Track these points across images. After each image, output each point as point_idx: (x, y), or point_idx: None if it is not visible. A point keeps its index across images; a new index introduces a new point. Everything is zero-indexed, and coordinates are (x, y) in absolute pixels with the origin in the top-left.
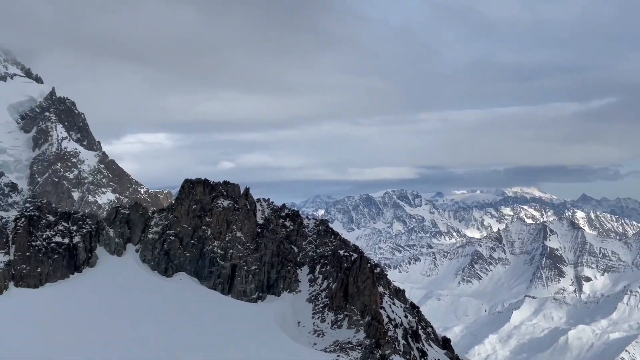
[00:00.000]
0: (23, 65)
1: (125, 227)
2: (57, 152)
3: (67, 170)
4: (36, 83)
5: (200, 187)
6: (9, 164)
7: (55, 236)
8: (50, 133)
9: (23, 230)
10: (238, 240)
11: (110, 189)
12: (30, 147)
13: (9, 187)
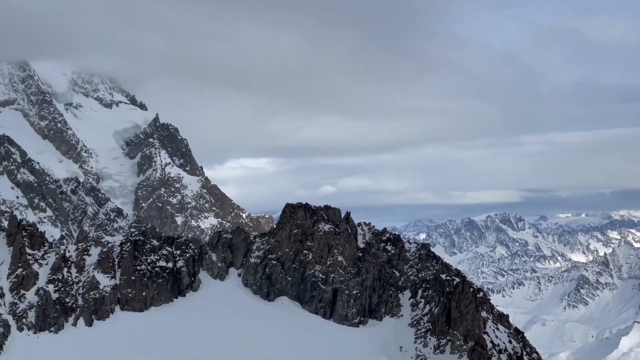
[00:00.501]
0: (128, 93)
1: (227, 251)
2: (160, 177)
3: (171, 196)
4: (140, 110)
5: (301, 211)
6: (114, 190)
7: (160, 260)
8: (154, 159)
9: (128, 255)
10: (339, 264)
11: (213, 214)
12: (135, 173)
13: (114, 212)
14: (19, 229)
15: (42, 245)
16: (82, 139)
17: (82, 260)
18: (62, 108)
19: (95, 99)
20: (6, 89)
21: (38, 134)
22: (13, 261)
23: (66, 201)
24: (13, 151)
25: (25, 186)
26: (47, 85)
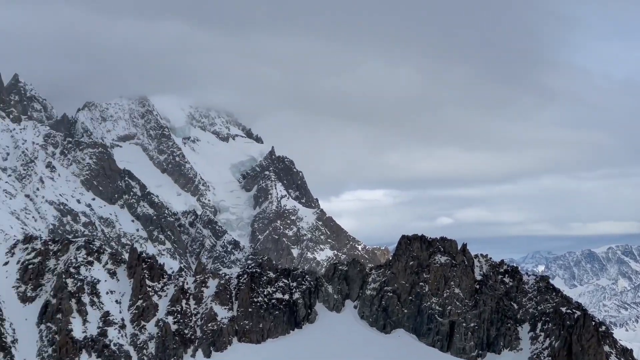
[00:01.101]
0: (244, 126)
1: (343, 283)
2: (277, 210)
3: (287, 228)
4: (257, 143)
5: (417, 243)
6: (231, 222)
7: (276, 292)
8: (270, 191)
9: (245, 287)
10: (456, 296)
11: (329, 246)
12: (251, 205)
13: (231, 245)
14: (139, 262)
15: (162, 277)
16: (200, 172)
17: (200, 292)
18: (180, 142)
19: (212, 132)
20: (126, 124)
21: (157, 168)
22: (134, 293)
23: (184, 234)
24: (133, 185)
25: (145, 219)
26: (165, 120)
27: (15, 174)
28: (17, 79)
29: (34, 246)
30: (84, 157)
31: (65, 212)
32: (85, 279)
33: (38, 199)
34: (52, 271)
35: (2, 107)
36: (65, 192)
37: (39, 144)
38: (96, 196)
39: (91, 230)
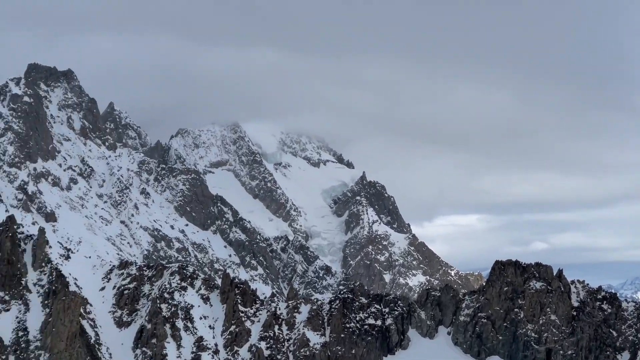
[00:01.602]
0: (335, 152)
1: (436, 309)
2: (368, 235)
3: (379, 253)
4: (347, 168)
5: (511, 268)
6: (323, 248)
7: (369, 318)
8: (361, 217)
9: (338, 313)
10: (552, 323)
11: (421, 271)
12: (342, 230)
13: (323, 270)
14: (232, 287)
15: (254, 303)
16: (291, 198)
17: (292, 318)
18: (272, 168)
19: (303, 158)
20: (219, 150)
21: (249, 194)
22: (227, 318)
23: (276, 259)
24: (225, 211)
25: (237, 245)
26: (257, 146)
27: (111, 200)
28: (112, 107)
29: (129, 272)
30: (177, 183)
31: (159, 238)
32: (179, 304)
33: (133, 225)
34: (147, 296)
35: (98, 134)
36: (159, 218)
37: (134, 170)
38: (189, 222)
39: (185, 256)
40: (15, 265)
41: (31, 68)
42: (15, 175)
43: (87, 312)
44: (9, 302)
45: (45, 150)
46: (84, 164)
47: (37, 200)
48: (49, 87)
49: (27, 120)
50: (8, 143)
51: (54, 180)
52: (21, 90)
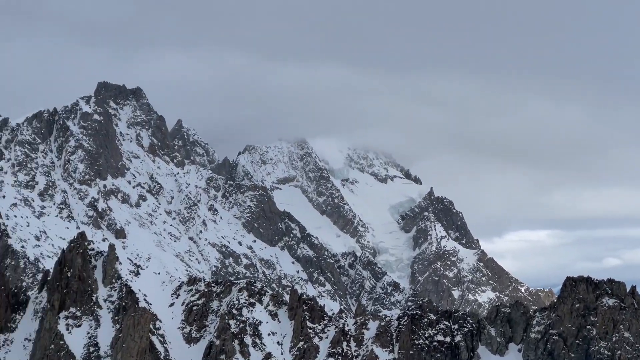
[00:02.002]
0: (402, 167)
1: (506, 326)
2: (436, 251)
3: (447, 269)
4: (415, 184)
5: (583, 284)
6: (391, 264)
7: (437, 335)
8: (429, 232)
9: (406, 329)
10: (626, 340)
11: (490, 287)
12: (410, 246)
13: (391, 286)
14: (300, 303)
15: (322, 319)
16: (359, 214)
17: (360, 334)
18: (339, 184)
19: (370, 174)
20: (286, 166)
21: (316, 210)
22: (295, 334)
23: (344, 275)
24: (293, 227)
25: (305, 261)
26: (324, 162)
27: (180, 217)
28: (180, 124)
29: (197, 288)
30: (245, 199)
31: (227, 254)
32: (248, 321)
33: (201, 242)
34: (216, 312)
35: (167, 151)
36: (227, 235)
37: (202, 187)
38: (257, 238)
39: (252, 272)
40: (86, 281)
41: (101, 86)
42: (86, 192)
43: (157, 328)
44: (81, 317)
45: (114, 168)
46: (152, 181)
47: (107, 217)
48: (118, 105)
49: (97, 138)
50: (79, 161)
51: (123, 197)
52: (91, 109)
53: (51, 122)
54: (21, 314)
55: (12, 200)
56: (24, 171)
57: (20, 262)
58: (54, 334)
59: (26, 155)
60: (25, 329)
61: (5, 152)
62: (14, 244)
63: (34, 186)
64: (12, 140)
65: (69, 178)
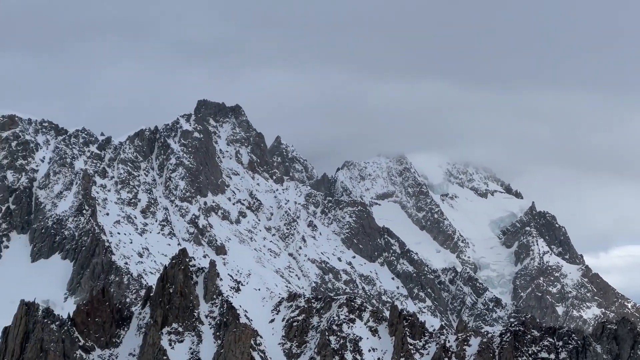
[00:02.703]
0: (503, 182)
1: (613, 343)
2: (539, 266)
3: (550, 285)
4: (516, 198)
5: None
6: (492, 280)
7: (541, 352)
8: (531, 247)
9: (509, 346)
10: None
11: (595, 304)
12: (512, 262)
13: (492, 302)
14: (400, 319)
15: (423, 335)
16: (459, 229)
17: (462, 351)
18: (438, 199)
19: (470, 188)
20: (385, 182)
21: (416, 225)
22: (395, 351)
23: (445, 291)
24: (392, 242)
25: (404, 276)
26: (423, 177)
27: (279, 233)
28: (279, 141)
29: (297, 304)
30: (344, 215)
31: (327, 270)
32: (348, 337)
33: (301, 258)
34: (316, 328)
35: (266, 168)
36: (327, 251)
37: (301, 203)
38: (356, 254)
39: (352, 288)
40: (187, 297)
41: (200, 104)
42: (187, 209)
43: (258, 344)
44: (183, 333)
45: (214, 185)
46: (252, 198)
47: (207, 233)
48: (218, 122)
49: (197, 155)
50: (179, 178)
51: (223, 213)
52: (191, 127)
53: (152, 140)
54: (125, 330)
55: (115, 217)
56: (126, 189)
57: (124, 278)
58: (157, 349)
59: (129, 173)
60: (129, 344)
61: (109, 170)
62: (118, 260)
63: (137, 203)
64: (114, 158)
65: (170, 195)
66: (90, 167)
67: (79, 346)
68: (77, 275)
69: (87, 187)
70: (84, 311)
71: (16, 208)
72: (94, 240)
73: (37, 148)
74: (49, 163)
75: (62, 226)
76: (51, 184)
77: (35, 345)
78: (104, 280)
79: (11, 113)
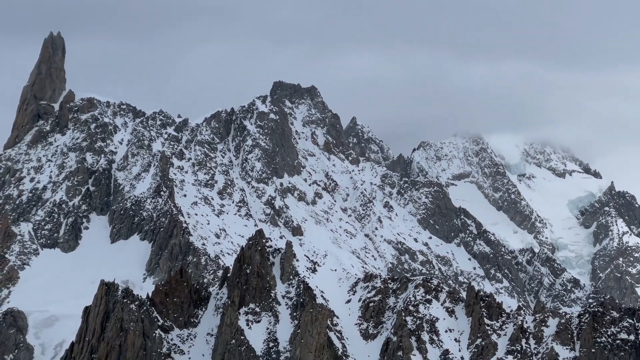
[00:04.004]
0: (581, 162)
1: None
2: (618, 247)
3: (630, 265)
4: (594, 178)
5: None
6: (570, 260)
7: (621, 333)
8: (610, 228)
9: (587, 327)
10: None
11: None
12: (590, 242)
13: (571, 283)
14: (477, 300)
15: (500, 316)
16: (536, 209)
17: (540, 332)
18: (515, 179)
19: (547, 169)
20: (461, 162)
21: (492, 206)
22: (472, 331)
23: (522, 272)
24: (469, 223)
25: (481, 257)
26: (500, 158)
27: (355, 214)
28: (355, 122)
29: (374, 284)
30: (420, 196)
31: (403, 251)
32: (425, 317)
33: (377, 238)
34: (392, 309)
35: (342, 149)
36: (403, 231)
37: (377, 184)
38: (433, 235)
39: (429, 269)
40: (264, 278)
41: (276, 86)
42: (263, 190)
43: (334, 324)
44: (260, 313)
45: (290, 166)
46: (328, 179)
47: (284, 214)
48: (294, 104)
49: (273, 137)
50: (256, 159)
51: (299, 194)
52: (267, 108)
53: (229, 122)
54: (203, 310)
55: (192, 199)
56: (203, 170)
57: (202, 259)
58: (235, 329)
59: (205, 154)
60: (207, 324)
61: (186, 152)
62: (195, 241)
63: (214, 185)
64: (192, 140)
65: (247, 177)
66: (167, 149)
67: (158, 326)
68: (155, 256)
69: (165, 169)
70: (163, 291)
71: (95, 190)
72: (172, 222)
73: (115, 130)
74: (127, 145)
75: (140, 207)
76: (129, 166)
77: (115, 324)
78: (182, 261)
79: (90, 96)
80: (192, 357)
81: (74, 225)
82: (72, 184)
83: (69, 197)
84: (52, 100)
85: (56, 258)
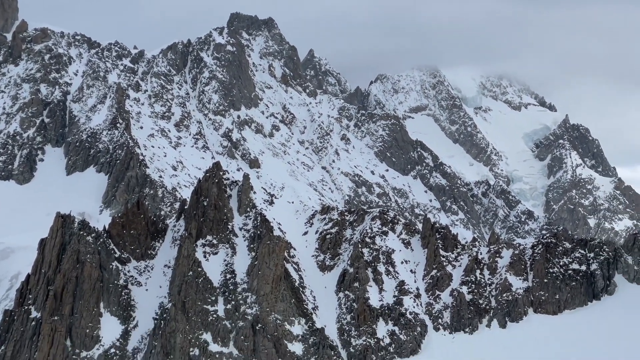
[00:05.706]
0: (537, 95)
1: None
2: (571, 179)
3: (582, 197)
4: (550, 111)
5: None
6: (524, 192)
7: (573, 263)
8: (564, 160)
9: (540, 257)
10: None
11: (627, 216)
12: (545, 174)
13: (525, 215)
14: (433, 232)
15: (455, 248)
16: (492, 142)
17: (494, 263)
18: (472, 112)
19: (504, 102)
20: (418, 95)
21: (449, 138)
22: (428, 263)
23: (477, 204)
24: (425, 156)
25: (437, 189)
26: (457, 91)
27: (312, 146)
28: (312, 54)
29: (331, 217)
30: (377, 129)
31: (360, 183)
32: (381, 249)
33: (334, 171)
34: (349, 241)
35: (299, 82)
36: (360, 164)
37: (334, 117)
38: (389, 167)
39: (385, 201)
40: (221, 210)
41: (233, 17)
42: (220, 123)
43: (291, 256)
44: (217, 245)
45: (248, 98)
46: (285, 111)
47: (241, 147)
48: (251, 35)
49: (230, 69)
50: (213, 92)
51: (257, 127)
52: (224, 40)
53: (185, 53)
54: (160, 242)
55: (149, 131)
56: (160, 102)
57: (159, 191)
58: (192, 261)
59: (162, 86)
60: (164, 256)
61: (142, 84)
62: (152, 173)
63: (170, 117)
64: (148, 72)
65: (204, 109)
66: (123, 80)
67: (115, 258)
68: (112, 188)
69: (121, 101)
70: (120, 223)
71: (50, 121)
72: (129, 154)
73: (70, 61)
74: (82, 76)
75: (96, 139)
76: (85, 98)
77: (71, 256)
78: (138, 193)
79: (43, 26)
80: (149, 289)
81: (28, 157)
82: (27, 115)
83: (23, 129)
84: (5, 30)
85: (11, 190)
